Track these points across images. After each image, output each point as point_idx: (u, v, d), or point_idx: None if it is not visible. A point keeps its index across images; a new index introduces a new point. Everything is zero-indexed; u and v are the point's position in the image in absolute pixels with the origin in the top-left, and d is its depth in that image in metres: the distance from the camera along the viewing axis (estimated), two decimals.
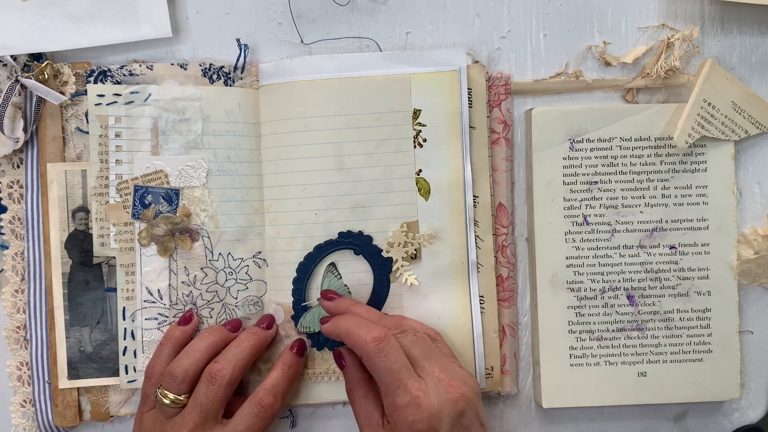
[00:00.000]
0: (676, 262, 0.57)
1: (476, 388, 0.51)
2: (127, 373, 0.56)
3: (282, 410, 0.58)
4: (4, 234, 0.57)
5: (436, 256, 0.56)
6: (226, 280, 0.56)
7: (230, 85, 0.56)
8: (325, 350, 0.57)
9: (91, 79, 0.56)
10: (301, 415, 0.59)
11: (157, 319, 0.56)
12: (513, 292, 0.58)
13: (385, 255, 0.56)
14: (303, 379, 0.57)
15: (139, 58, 0.57)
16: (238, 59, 0.56)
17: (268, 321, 0.56)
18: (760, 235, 0.57)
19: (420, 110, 0.56)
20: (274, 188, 0.56)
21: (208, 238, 0.56)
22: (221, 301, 0.57)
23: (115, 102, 0.55)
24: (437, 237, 0.56)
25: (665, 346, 0.57)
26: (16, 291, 0.57)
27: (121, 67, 0.56)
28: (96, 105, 0.55)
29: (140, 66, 0.56)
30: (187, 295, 0.56)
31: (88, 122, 0.56)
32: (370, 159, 0.56)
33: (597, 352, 0.57)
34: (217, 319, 0.57)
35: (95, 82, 0.56)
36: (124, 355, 0.56)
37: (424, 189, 0.56)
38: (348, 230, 0.56)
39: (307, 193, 0.56)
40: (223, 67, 0.56)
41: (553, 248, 0.57)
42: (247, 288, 0.57)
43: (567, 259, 0.57)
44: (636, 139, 0.56)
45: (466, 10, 0.57)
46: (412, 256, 0.56)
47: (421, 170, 0.56)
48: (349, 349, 0.54)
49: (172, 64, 0.56)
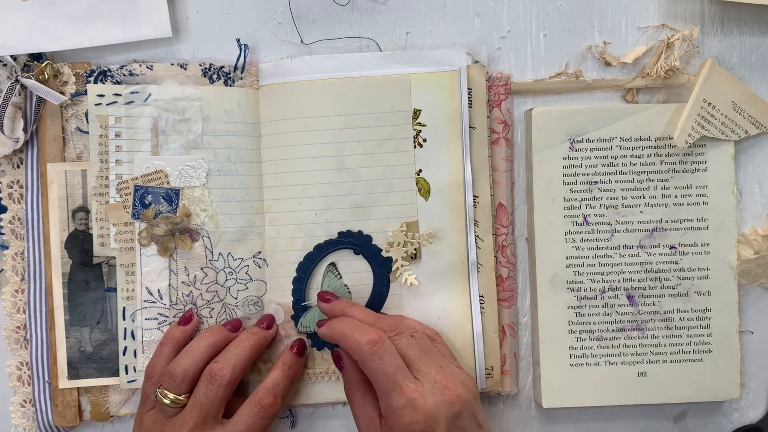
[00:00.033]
0: (676, 262, 0.57)
1: (474, 388, 0.51)
2: (127, 373, 0.56)
3: (282, 410, 0.58)
4: (4, 234, 0.57)
5: (436, 256, 0.56)
6: (226, 280, 0.56)
7: (230, 85, 0.56)
8: (325, 350, 0.57)
9: (91, 79, 0.56)
10: (301, 415, 0.59)
11: (157, 319, 0.56)
12: (513, 292, 0.58)
13: (384, 255, 0.56)
14: (303, 379, 0.57)
15: (139, 58, 0.57)
16: (238, 59, 0.56)
17: (268, 321, 0.56)
18: (760, 235, 0.57)
19: (420, 110, 0.56)
20: (274, 188, 0.56)
21: (208, 238, 0.56)
22: (221, 301, 0.57)
23: (115, 102, 0.55)
24: (437, 237, 0.56)
25: (665, 346, 0.57)
26: (16, 291, 0.57)
27: (121, 67, 0.56)
28: (96, 105, 0.55)
29: (140, 66, 0.56)
30: (187, 295, 0.56)
31: (88, 122, 0.56)
32: (370, 159, 0.56)
33: (597, 352, 0.57)
34: (217, 319, 0.57)
35: (95, 82, 0.56)
36: (124, 355, 0.56)
37: (424, 189, 0.56)
38: (348, 230, 0.56)
39: (307, 193, 0.56)
40: (223, 67, 0.56)
41: (553, 248, 0.57)
42: (247, 288, 0.57)
43: (567, 259, 0.57)
44: (636, 139, 0.56)
45: (466, 10, 0.57)
46: (411, 256, 0.56)
47: (421, 170, 0.56)
48: None
49: (172, 64, 0.56)
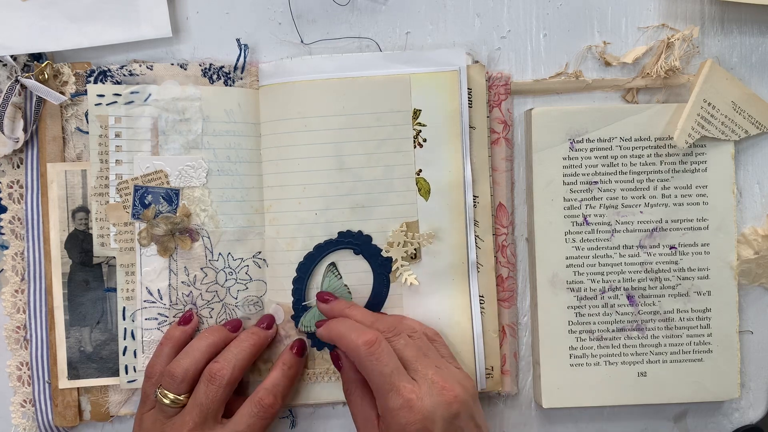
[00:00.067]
0: (676, 262, 0.57)
1: (472, 389, 0.51)
2: (127, 373, 0.56)
3: (282, 410, 0.58)
4: (4, 234, 0.57)
5: (436, 256, 0.56)
6: (226, 280, 0.56)
7: (230, 85, 0.56)
8: (325, 350, 0.57)
9: (91, 79, 0.56)
10: (301, 415, 0.59)
11: (157, 319, 0.56)
12: (513, 292, 0.58)
13: (384, 255, 0.56)
14: (303, 379, 0.57)
15: (139, 58, 0.57)
16: (238, 59, 0.56)
17: (268, 321, 0.56)
18: (760, 235, 0.57)
19: (420, 110, 0.56)
20: (274, 188, 0.56)
21: (208, 238, 0.56)
22: (221, 301, 0.57)
23: (115, 102, 0.55)
24: (437, 237, 0.56)
25: (665, 346, 0.57)
26: (16, 291, 0.57)
27: (121, 67, 0.56)
28: (96, 105, 0.55)
29: (140, 66, 0.56)
30: (187, 295, 0.56)
31: (88, 122, 0.56)
32: (370, 159, 0.56)
33: (597, 352, 0.57)
34: (217, 319, 0.57)
35: (95, 82, 0.56)
36: (124, 355, 0.56)
37: (424, 189, 0.56)
38: (348, 230, 0.56)
39: (307, 193, 0.56)
40: (223, 67, 0.56)
41: (553, 248, 0.57)
42: (247, 288, 0.57)
43: (567, 259, 0.57)
44: (636, 139, 0.56)
45: (466, 10, 0.57)
46: (411, 256, 0.56)
47: (421, 170, 0.56)
48: None
49: (172, 64, 0.56)
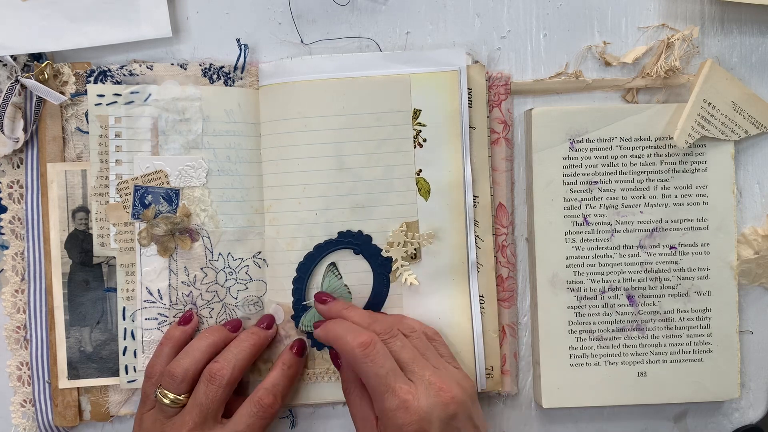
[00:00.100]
0: (676, 262, 0.57)
1: (470, 389, 0.51)
2: (127, 373, 0.56)
3: (282, 410, 0.58)
4: (4, 234, 0.57)
5: (436, 256, 0.56)
6: (226, 280, 0.56)
7: (230, 85, 0.56)
8: (325, 350, 0.57)
9: (91, 79, 0.56)
10: (301, 415, 0.59)
11: (157, 319, 0.56)
12: (513, 292, 0.58)
13: (384, 255, 0.56)
14: (303, 379, 0.57)
15: (139, 58, 0.57)
16: (238, 59, 0.56)
17: (268, 321, 0.56)
18: (760, 235, 0.57)
19: (420, 110, 0.56)
20: (274, 188, 0.56)
21: (208, 238, 0.56)
22: (221, 301, 0.57)
23: (115, 102, 0.55)
24: (437, 237, 0.56)
25: (665, 346, 0.57)
26: (16, 291, 0.57)
27: (121, 67, 0.56)
28: (96, 105, 0.55)
29: (140, 66, 0.56)
30: (187, 295, 0.56)
31: (88, 122, 0.56)
32: (370, 159, 0.56)
33: (597, 352, 0.57)
34: (217, 319, 0.57)
35: (95, 82, 0.56)
36: (124, 355, 0.56)
37: (424, 189, 0.56)
38: (348, 230, 0.56)
39: (307, 193, 0.56)
40: (223, 67, 0.56)
41: (553, 248, 0.57)
42: (247, 288, 0.57)
43: (567, 259, 0.57)
44: (636, 139, 0.56)
45: (466, 10, 0.57)
46: (411, 256, 0.56)
47: (421, 170, 0.56)
48: None
49: (172, 64, 0.56)
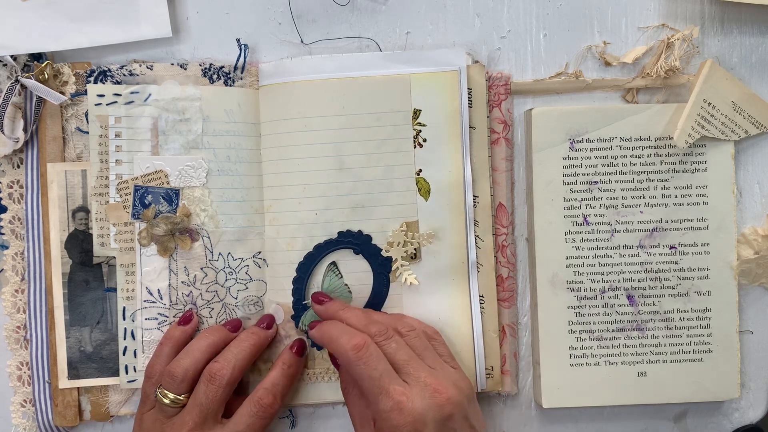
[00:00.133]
0: (676, 262, 0.57)
1: (468, 390, 0.50)
2: (127, 373, 0.56)
3: (282, 410, 0.58)
4: (4, 234, 0.57)
5: (435, 256, 0.56)
6: (226, 280, 0.56)
7: (230, 85, 0.56)
8: (325, 350, 0.57)
9: (91, 79, 0.56)
10: (301, 415, 0.59)
11: (157, 319, 0.56)
12: (513, 292, 0.58)
13: (384, 254, 0.56)
14: (303, 379, 0.57)
15: (139, 58, 0.57)
16: (238, 59, 0.56)
17: (268, 321, 0.56)
18: (760, 235, 0.57)
19: (420, 110, 0.56)
20: (274, 188, 0.56)
21: (208, 238, 0.56)
22: (221, 301, 0.57)
23: (115, 102, 0.55)
24: (437, 237, 0.56)
25: (665, 346, 0.57)
26: (16, 291, 0.57)
27: (121, 67, 0.56)
28: (96, 105, 0.55)
29: (140, 66, 0.56)
30: (187, 295, 0.56)
31: (88, 122, 0.56)
32: (370, 159, 0.56)
33: (597, 352, 0.57)
34: (217, 319, 0.57)
35: (95, 82, 0.56)
36: (124, 355, 0.56)
37: (424, 189, 0.56)
38: (348, 230, 0.56)
39: (307, 193, 0.56)
40: (223, 67, 0.56)
41: (553, 248, 0.57)
42: (247, 288, 0.57)
43: (567, 259, 0.57)
44: (636, 139, 0.56)
45: (466, 10, 0.57)
46: (411, 256, 0.56)
47: (421, 170, 0.56)
48: None
49: (172, 64, 0.56)
